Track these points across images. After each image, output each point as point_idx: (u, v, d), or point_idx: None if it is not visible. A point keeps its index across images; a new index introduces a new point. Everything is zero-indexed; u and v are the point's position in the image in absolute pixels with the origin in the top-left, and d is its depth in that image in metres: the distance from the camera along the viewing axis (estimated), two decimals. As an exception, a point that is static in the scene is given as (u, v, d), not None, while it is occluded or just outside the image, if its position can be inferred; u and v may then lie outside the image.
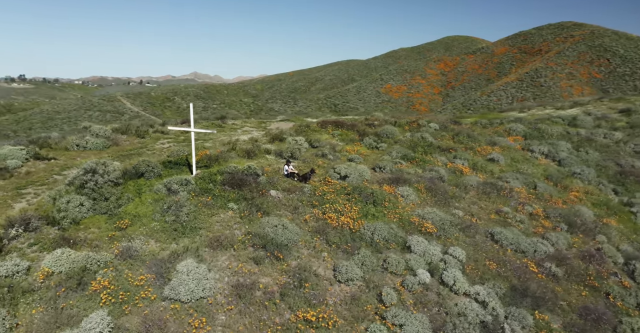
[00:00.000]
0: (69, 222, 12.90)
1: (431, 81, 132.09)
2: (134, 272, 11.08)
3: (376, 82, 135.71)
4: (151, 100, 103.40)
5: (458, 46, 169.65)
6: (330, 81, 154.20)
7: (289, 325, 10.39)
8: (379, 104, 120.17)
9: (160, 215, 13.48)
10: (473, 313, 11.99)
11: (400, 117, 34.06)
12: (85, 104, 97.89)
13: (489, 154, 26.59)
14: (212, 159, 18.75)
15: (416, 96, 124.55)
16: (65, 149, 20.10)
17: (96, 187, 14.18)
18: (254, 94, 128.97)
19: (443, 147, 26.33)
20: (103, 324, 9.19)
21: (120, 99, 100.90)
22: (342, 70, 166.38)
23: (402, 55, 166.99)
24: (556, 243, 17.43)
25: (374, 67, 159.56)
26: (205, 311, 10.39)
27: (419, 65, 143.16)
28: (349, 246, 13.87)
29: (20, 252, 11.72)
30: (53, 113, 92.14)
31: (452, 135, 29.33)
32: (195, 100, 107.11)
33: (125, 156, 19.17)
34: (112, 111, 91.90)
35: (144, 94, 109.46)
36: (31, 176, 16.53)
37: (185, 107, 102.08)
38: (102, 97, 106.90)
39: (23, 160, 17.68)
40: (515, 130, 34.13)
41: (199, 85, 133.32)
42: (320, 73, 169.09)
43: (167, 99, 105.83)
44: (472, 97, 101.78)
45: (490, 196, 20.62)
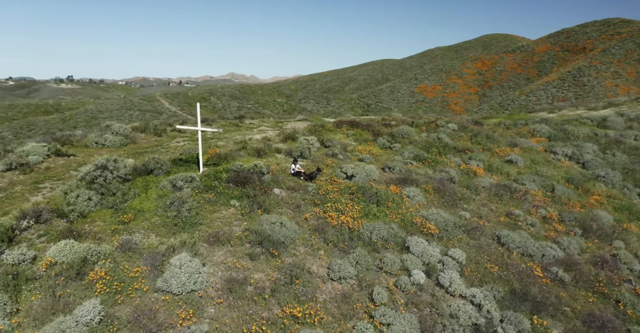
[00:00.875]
0: (76, 215, 13.56)
1: (467, 81, 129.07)
2: (130, 264, 11.54)
3: (410, 81, 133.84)
4: (188, 100, 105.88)
5: (497, 45, 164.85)
6: (364, 81, 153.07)
7: (275, 320, 10.57)
8: (413, 104, 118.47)
9: (163, 211, 13.96)
10: (465, 315, 11.83)
11: (419, 117, 33.70)
12: (126, 103, 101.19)
13: (507, 155, 25.99)
14: (222, 157, 19.19)
15: (451, 96, 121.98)
16: (85, 146, 21.08)
17: (105, 182, 14.84)
18: (287, 94, 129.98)
19: (459, 148, 25.92)
20: (94, 312, 9.65)
21: (159, 99, 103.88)
22: (376, 69, 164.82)
23: (439, 54, 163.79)
24: (567, 247, 16.89)
25: (408, 67, 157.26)
26: (194, 303, 10.72)
27: (455, 64, 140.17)
28: (346, 245, 13.94)
29: (30, 242, 12.42)
30: (96, 112, 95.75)
31: (470, 136, 28.81)
32: (231, 100, 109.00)
33: (140, 153, 19.90)
34: (151, 111, 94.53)
35: (181, 94, 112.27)
36: (50, 171, 17.42)
37: (220, 106, 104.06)
38: (142, 97, 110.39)
39: (44, 156, 18.65)
40: (539, 131, 33.20)
41: (235, 86, 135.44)
42: (354, 73, 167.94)
43: (203, 99, 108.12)
44: (510, 96, 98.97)
45: (502, 198, 20.17)
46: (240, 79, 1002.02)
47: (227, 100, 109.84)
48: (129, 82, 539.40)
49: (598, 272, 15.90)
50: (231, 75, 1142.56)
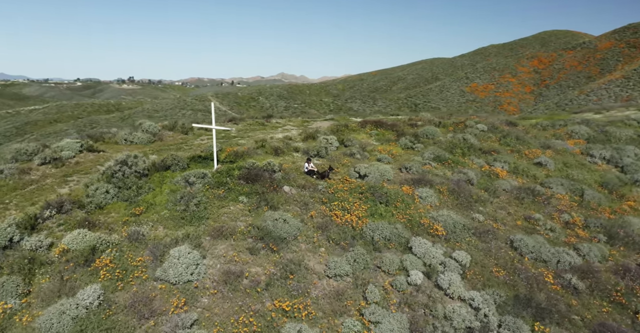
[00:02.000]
0: (94, 207, 14.49)
1: (522, 79, 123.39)
2: (134, 254, 12.24)
3: (461, 80, 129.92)
4: (237, 100, 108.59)
5: (556, 41, 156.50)
6: (413, 80, 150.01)
7: (264, 313, 10.89)
8: (463, 104, 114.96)
9: (173, 205, 14.64)
10: (460, 318, 11.65)
11: (447, 117, 33.01)
12: (180, 103, 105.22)
13: (536, 157, 25.05)
14: (239, 154, 19.77)
15: (504, 95, 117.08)
16: (116, 143, 22.36)
17: (123, 177, 15.75)
18: (335, 94, 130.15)
19: (485, 149, 25.24)
20: (94, 296, 10.36)
21: (210, 99, 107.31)
22: (425, 68, 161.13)
23: (492, 52, 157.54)
24: (587, 254, 16.15)
25: (459, 65, 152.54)
26: (189, 293, 11.22)
27: (509, 62, 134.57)
28: (347, 243, 14.05)
29: (50, 230, 13.42)
30: (152, 111, 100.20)
31: (499, 137, 27.94)
32: (278, 100, 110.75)
33: (164, 150, 20.85)
34: (203, 110, 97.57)
35: (231, 94, 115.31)
36: (79, 166, 18.66)
37: (268, 106, 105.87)
38: (195, 97, 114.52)
39: (76, 152, 19.98)
40: (577, 132, 31.71)
41: (283, 86, 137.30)
42: (403, 72, 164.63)
43: (252, 99, 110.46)
44: (568, 96, 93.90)
45: (523, 202, 19.53)
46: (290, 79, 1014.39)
47: (274, 100, 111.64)
48: (185, 82, 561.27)
49: (618, 281, 15.10)
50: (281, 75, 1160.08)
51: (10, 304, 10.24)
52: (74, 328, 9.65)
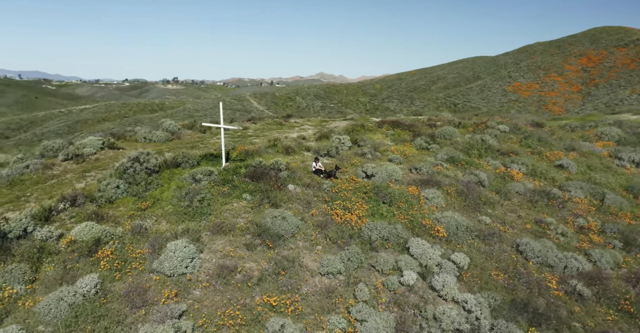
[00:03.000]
0: (104, 201, 15.24)
1: (569, 78, 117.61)
2: (135, 246, 12.81)
3: (503, 79, 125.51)
4: (275, 100, 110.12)
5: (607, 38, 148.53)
6: (453, 79, 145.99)
7: (251, 307, 11.17)
8: (505, 104, 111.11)
9: (177, 200, 15.19)
10: (449, 319, 11.53)
11: (469, 117, 32.37)
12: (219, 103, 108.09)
13: (558, 159, 24.25)
14: (250, 153, 20.22)
15: (550, 95, 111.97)
16: (136, 141, 23.31)
17: (134, 173, 16.47)
18: (372, 94, 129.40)
19: (503, 150, 24.66)
20: (91, 285, 10.95)
21: (248, 99, 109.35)
22: (467, 67, 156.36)
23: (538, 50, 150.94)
24: (598, 261, 15.58)
25: (502, 64, 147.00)
26: (182, 285, 11.66)
27: (555, 60, 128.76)
28: (344, 242, 14.15)
29: (61, 222, 14.23)
30: (193, 111, 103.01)
31: (521, 138, 27.19)
32: (315, 99, 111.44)
33: (179, 148, 21.57)
34: (241, 110, 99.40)
35: (269, 94, 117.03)
36: (98, 162, 19.60)
37: (305, 106, 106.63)
38: (234, 97, 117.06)
39: (98, 149, 20.98)
40: (608, 134, 30.47)
41: (320, 85, 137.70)
42: (443, 71, 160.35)
43: (289, 99, 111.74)
44: (619, 95, 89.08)
45: (536, 205, 19.01)
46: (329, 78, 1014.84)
47: (311, 99, 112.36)
48: (226, 82, 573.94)
49: (629, 289, 14.50)
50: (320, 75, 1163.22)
51: (15, 289, 10.97)
52: (70, 314, 10.24)
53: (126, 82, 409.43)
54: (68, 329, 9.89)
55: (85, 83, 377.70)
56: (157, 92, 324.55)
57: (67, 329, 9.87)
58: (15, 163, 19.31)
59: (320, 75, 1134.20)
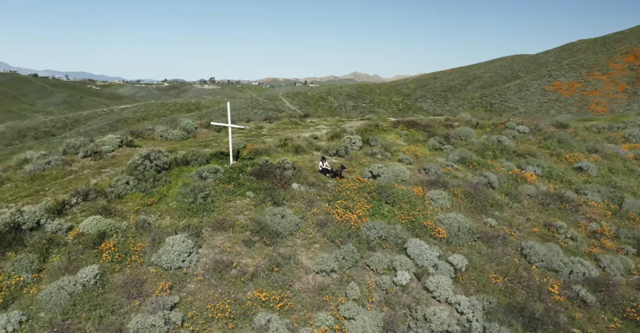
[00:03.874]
0: (114, 196, 15.89)
1: (614, 77, 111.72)
2: (137, 240, 13.31)
3: (543, 78, 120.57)
4: (307, 99, 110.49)
5: None
6: (490, 78, 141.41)
7: (242, 301, 11.44)
8: (544, 104, 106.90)
9: (182, 197, 15.66)
10: (439, 320, 11.47)
11: (489, 117, 31.70)
12: (252, 102, 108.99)
13: (577, 161, 23.52)
14: (259, 152, 20.57)
15: (593, 94, 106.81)
16: (152, 139, 24.11)
17: (144, 170, 17.08)
18: (406, 93, 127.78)
19: (520, 152, 24.10)
20: (91, 275, 11.48)
21: (281, 98, 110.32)
22: (505, 66, 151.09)
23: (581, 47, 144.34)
24: (607, 266, 15.13)
25: (543, 63, 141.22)
26: (177, 278, 12.06)
27: (599, 58, 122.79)
28: (341, 241, 14.25)
29: (73, 215, 14.94)
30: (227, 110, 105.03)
31: (540, 139, 26.47)
32: (347, 99, 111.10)
33: (193, 146, 22.17)
34: (273, 109, 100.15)
35: (301, 93, 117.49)
36: (115, 159, 20.40)
37: (337, 105, 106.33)
38: (267, 96, 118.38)
39: (115, 147, 21.84)
40: (635, 136, 29.41)
41: (353, 85, 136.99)
42: (480, 70, 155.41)
43: (321, 99, 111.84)
44: None
45: (547, 208, 18.56)
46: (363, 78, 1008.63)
47: (343, 99, 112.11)
48: (261, 82, 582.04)
49: (637, 296, 13.99)
50: (354, 74, 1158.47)
51: (22, 277, 11.64)
52: (69, 302, 10.80)
53: (165, 82, 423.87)
54: (65, 316, 10.43)
55: (127, 83, 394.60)
56: (195, 92, 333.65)
57: (64, 316, 10.42)
58: (39, 159, 20.33)
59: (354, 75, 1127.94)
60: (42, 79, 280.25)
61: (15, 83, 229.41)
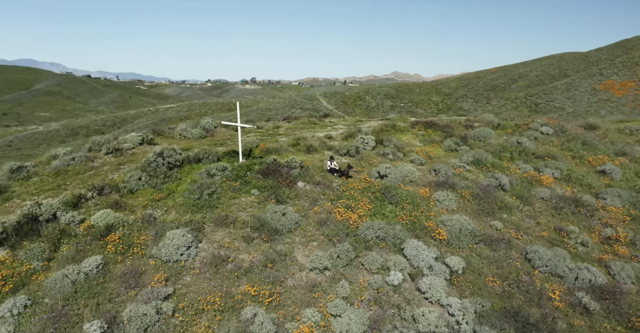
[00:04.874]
0: (126, 191, 16.68)
1: None
2: (141, 233, 13.96)
3: (593, 77, 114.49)
4: (344, 99, 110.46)
5: None
6: (536, 77, 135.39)
7: (232, 295, 11.82)
8: (594, 104, 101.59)
9: (189, 193, 16.24)
10: (426, 321, 11.45)
11: (511, 118, 30.84)
12: (290, 102, 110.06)
13: (601, 164, 22.59)
14: (270, 151, 20.98)
15: None
16: (172, 138, 25.00)
17: (156, 167, 17.81)
18: (446, 93, 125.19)
19: (539, 153, 23.40)
20: (94, 265, 12.18)
21: (318, 98, 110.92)
22: (552, 64, 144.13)
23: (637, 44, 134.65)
24: (617, 274, 14.56)
25: (594, 60, 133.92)
26: (174, 271, 12.58)
27: None
28: (338, 239, 14.39)
29: (87, 208, 15.80)
30: (265, 110, 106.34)
31: (563, 141, 25.56)
32: (384, 99, 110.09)
33: (209, 145, 22.86)
34: (310, 109, 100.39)
35: (339, 93, 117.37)
36: (134, 156, 21.33)
37: (374, 105, 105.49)
38: (305, 96, 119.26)
39: (137, 144, 22.82)
40: (671, 139, 27.74)
41: (392, 85, 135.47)
42: (525, 68, 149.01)
43: (358, 98, 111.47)
44: None
45: (560, 212, 18.00)
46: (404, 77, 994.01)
47: (380, 99, 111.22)
48: (301, 82, 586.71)
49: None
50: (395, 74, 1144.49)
51: (33, 265, 12.48)
52: (71, 290, 11.50)
53: (209, 83, 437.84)
54: (66, 302, 11.13)
55: (173, 83, 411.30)
56: (236, 91, 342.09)
57: (65, 302, 11.13)
58: (64, 155, 21.54)
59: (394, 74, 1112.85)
60: (95, 80, 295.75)
61: (71, 83, 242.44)
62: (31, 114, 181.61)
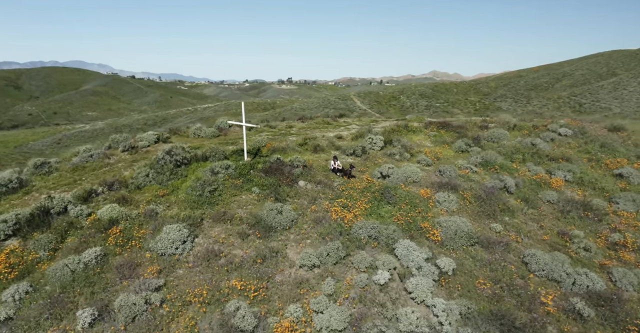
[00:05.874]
0: (134, 187, 17.43)
1: None
2: (141, 227, 14.60)
3: None
4: (378, 99, 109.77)
5: None
6: (582, 76, 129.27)
7: (220, 288, 12.23)
8: None
9: (192, 190, 16.82)
10: (407, 321, 11.50)
11: (530, 119, 30.07)
12: (324, 102, 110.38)
13: (618, 168, 21.82)
14: (277, 150, 21.37)
15: None
16: (187, 136, 25.82)
17: (164, 164, 18.52)
18: (485, 92, 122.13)
19: (553, 156, 22.80)
20: (93, 256, 12.86)
21: (352, 98, 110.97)
22: (600, 63, 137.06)
23: None
24: (619, 280, 14.15)
25: None
26: (168, 264, 13.12)
27: None
28: (331, 238, 14.60)
29: (96, 203, 16.63)
30: (299, 109, 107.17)
31: (581, 143, 24.77)
32: (420, 98, 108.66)
33: (221, 143, 23.49)
34: (344, 108, 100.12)
35: (373, 93, 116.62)
36: (147, 154, 22.20)
37: (409, 105, 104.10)
38: (338, 96, 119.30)
39: (152, 143, 23.72)
40: (701, 142, 26.36)
41: (428, 84, 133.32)
42: (570, 67, 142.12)
43: (393, 98, 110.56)
44: None
45: (567, 216, 17.57)
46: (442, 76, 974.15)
47: (415, 99, 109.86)
48: (338, 82, 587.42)
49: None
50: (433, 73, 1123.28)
51: (39, 254, 13.32)
52: (69, 278, 12.22)
53: (246, 83, 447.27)
54: (63, 290, 11.85)
55: (212, 84, 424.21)
56: (273, 91, 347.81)
57: (62, 289, 11.84)
58: (84, 152, 22.67)
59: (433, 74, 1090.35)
60: (139, 80, 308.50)
61: (116, 84, 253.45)
62: (79, 113, 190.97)
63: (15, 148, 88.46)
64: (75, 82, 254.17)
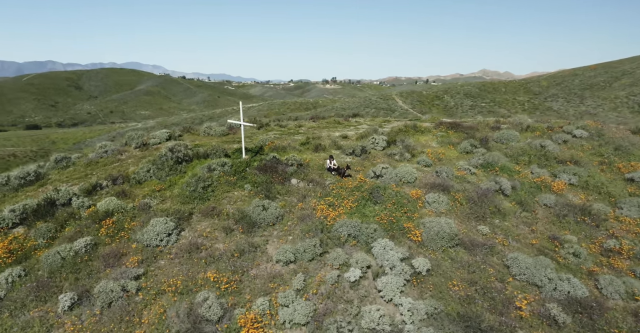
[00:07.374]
0: (135, 182, 18.39)
1: None
2: (133, 219, 15.45)
3: None
4: (421, 99, 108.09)
5: None
6: None
7: (195, 279, 12.83)
8: None
9: (186, 186, 17.56)
10: (370, 318, 11.68)
11: (547, 120, 29.08)
12: (365, 102, 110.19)
13: (631, 172, 20.91)
14: (278, 148, 21.87)
15: None
16: (197, 135, 26.76)
17: (165, 160, 19.41)
18: (536, 92, 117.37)
19: (562, 158, 22.10)
20: (83, 244, 13.78)
21: (394, 98, 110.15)
22: None
23: None
24: (605, 288, 13.76)
25: None
26: (150, 254, 13.86)
27: None
28: (311, 235, 14.92)
29: (100, 196, 17.68)
30: (340, 109, 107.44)
31: (595, 145, 23.81)
32: (464, 98, 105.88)
33: (227, 142, 24.26)
34: (385, 108, 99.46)
35: (415, 92, 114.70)
36: (157, 151, 23.20)
37: (453, 105, 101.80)
38: (380, 95, 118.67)
39: (163, 140, 24.79)
40: None
41: (474, 83, 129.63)
42: (631, 65, 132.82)
43: (436, 98, 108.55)
44: None
45: (563, 220, 17.12)
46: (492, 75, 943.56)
47: (460, 98, 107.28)
48: (383, 81, 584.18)
49: (628, 323, 12.52)
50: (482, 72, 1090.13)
51: (37, 242, 14.40)
52: (59, 264, 13.17)
53: (291, 83, 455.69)
54: (51, 275, 12.81)
55: (258, 84, 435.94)
56: (317, 91, 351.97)
57: (50, 274, 12.80)
58: (100, 148, 24.01)
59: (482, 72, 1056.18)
60: (189, 80, 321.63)
61: (167, 84, 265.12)
62: (133, 112, 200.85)
63: (73, 144, 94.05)
64: (130, 83, 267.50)
